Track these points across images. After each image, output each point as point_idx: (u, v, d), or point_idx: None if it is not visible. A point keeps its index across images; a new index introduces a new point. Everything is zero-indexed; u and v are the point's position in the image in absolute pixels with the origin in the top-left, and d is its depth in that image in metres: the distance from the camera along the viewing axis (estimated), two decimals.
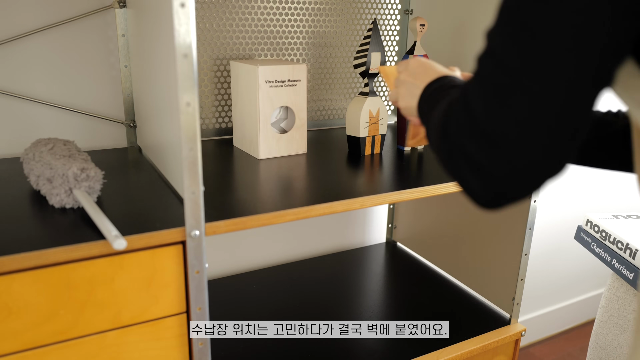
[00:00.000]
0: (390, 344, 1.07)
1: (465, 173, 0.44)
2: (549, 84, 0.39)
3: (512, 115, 0.40)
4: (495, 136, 0.41)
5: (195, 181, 0.69)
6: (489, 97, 0.42)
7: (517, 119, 0.40)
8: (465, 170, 0.44)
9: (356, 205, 0.83)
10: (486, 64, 0.43)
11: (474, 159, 0.43)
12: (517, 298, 1.15)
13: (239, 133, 1.09)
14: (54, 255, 0.62)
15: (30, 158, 0.79)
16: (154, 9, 0.76)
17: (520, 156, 0.41)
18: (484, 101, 0.42)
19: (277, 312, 1.17)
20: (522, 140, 0.40)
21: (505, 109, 0.41)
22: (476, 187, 0.44)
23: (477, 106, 0.43)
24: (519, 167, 0.41)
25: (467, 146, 0.43)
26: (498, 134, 0.41)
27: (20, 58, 0.99)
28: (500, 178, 0.42)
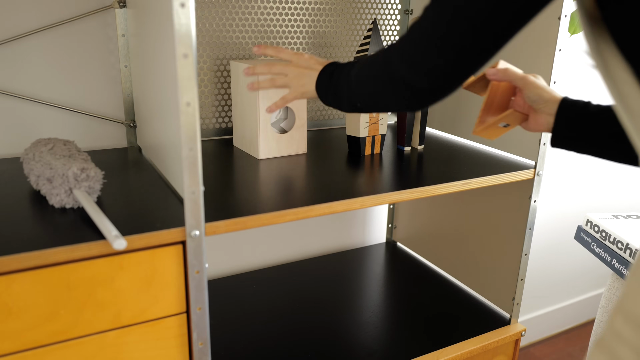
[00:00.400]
0: (390, 344, 1.07)
1: (403, 88, 0.64)
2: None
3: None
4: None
5: (195, 181, 0.69)
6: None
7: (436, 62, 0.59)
8: (402, 85, 0.64)
9: (356, 205, 0.83)
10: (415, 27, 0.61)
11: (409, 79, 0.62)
12: (517, 298, 1.15)
13: (239, 133, 1.09)
14: (54, 255, 0.62)
15: (30, 158, 0.79)
16: (154, 9, 0.76)
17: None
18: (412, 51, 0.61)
19: (277, 312, 1.17)
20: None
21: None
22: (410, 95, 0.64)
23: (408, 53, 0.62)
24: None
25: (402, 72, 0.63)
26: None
27: (20, 58, 0.99)
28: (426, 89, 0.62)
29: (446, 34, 0.56)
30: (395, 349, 1.06)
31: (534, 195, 1.08)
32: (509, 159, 1.08)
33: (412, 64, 0.60)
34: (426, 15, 0.59)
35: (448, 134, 1.29)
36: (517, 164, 1.05)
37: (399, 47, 0.63)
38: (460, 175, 0.96)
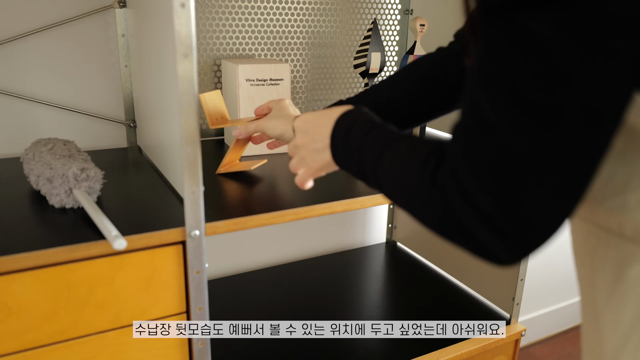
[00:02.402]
0: (390, 344, 1.07)
1: (481, 237, 0.39)
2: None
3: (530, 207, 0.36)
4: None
5: (195, 181, 0.69)
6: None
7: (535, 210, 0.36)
8: (480, 235, 0.39)
9: (356, 205, 0.83)
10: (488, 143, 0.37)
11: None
12: (517, 298, 1.15)
13: (229, 132, 1.10)
14: (54, 255, 0.62)
15: (30, 158, 0.79)
16: (154, 9, 0.76)
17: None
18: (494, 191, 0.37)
19: (277, 312, 1.17)
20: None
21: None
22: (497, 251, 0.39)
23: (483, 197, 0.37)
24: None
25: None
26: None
27: (20, 58, 0.99)
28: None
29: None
30: (395, 349, 1.06)
31: None
32: None
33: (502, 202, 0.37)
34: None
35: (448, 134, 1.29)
36: None
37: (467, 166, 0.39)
38: None
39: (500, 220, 0.37)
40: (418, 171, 0.43)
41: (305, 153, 0.62)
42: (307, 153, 0.62)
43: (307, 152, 0.62)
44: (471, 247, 0.40)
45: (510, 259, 0.39)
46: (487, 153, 0.37)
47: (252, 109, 1.01)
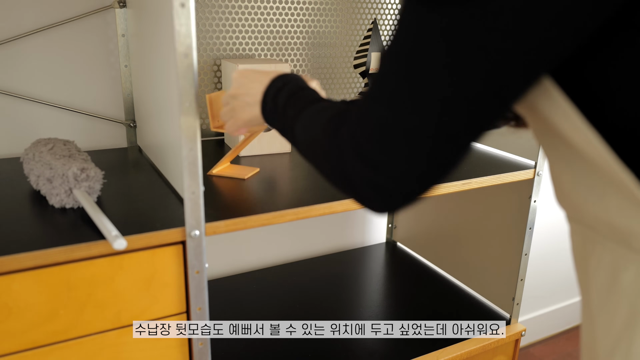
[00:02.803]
0: (391, 344, 1.07)
1: (361, 183, 0.44)
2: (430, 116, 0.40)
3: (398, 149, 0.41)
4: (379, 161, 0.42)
5: (195, 181, 0.68)
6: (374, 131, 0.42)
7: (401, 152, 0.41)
8: (360, 181, 0.44)
9: (356, 205, 0.83)
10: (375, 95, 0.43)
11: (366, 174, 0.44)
12: (517, 298, 1.15)
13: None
14: (54, 255, 0.62)
15: (30, 158, 0.79)
16: (154, 9, 0.76)
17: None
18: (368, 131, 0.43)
19: (277, 312, 1.17)
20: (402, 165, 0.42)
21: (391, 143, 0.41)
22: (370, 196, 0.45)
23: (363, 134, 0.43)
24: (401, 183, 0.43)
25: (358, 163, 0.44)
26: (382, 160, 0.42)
27: (20, 58, 0.99)
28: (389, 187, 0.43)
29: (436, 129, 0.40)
30: (395, 349, 1.06)
31: (534, 195, 1.08)
32: (509, 159, 1.08)
33: (374, 165, 0.43)
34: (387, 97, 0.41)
35: None
36: (517, 164, 1.05)
37: (351, 133, 0.44)
38: (460, 175, 0.95)
39: (381, 177, 0.42)
40: (324, 127, 0.49)
41: (237, 104, 0.67)
42: (238, 104, 0.67)
43: (239, 104, 0.67)
44: (354, 195, 0.46)
45: (383, 208, 0.45)
46: (377, 120, 0.42)
47: None
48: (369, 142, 0.42)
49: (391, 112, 0.41)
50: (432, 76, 0.39)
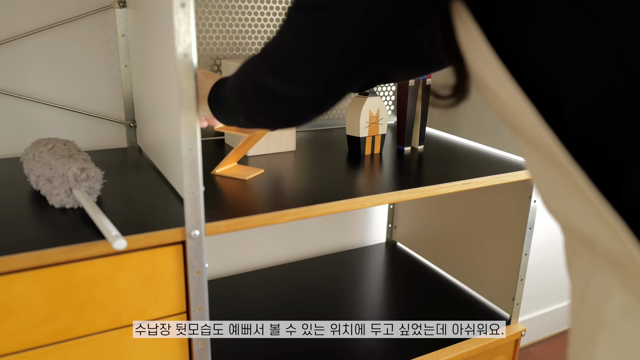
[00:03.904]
0: (391, 344, 1.07)
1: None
2: None
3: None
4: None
5: (195, 181, 0.69)
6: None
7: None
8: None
9: (356, 205, 0.83)
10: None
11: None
12: (517, 298, 1.15)
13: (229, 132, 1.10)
14: (54, 255, 0.62)
15: (30, 158, 0.79)
16: (154, 9, 0.76)
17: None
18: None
19: (277, 312, 1.17)
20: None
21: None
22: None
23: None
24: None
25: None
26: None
27: (20, 58, 0.99)
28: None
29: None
30: (395, 349, 1.06)
31: (534, 195, 1.08)
32: (509, 159, 1.08)
33: (284, 78, 0.53)
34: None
35: (448, 134, 1.29)
36: (517, 164, 1.05)
37: (266, 59, 0.55)
38: (460, 175, 0.95)
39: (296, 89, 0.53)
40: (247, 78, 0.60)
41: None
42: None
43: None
44: (279, 115, 0.58)
45: (300, 117, 0.58)
46: (287, 52, 0.53)
47: None
48: (282, 66, 0.53)
49: (300, 46, 0.51)
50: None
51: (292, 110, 0.56)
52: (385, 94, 1.42)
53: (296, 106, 0.55)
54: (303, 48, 0.50)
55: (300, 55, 0.50)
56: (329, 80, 0.51)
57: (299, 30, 0.50)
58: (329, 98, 0.54)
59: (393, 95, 1.43)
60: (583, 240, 0.40)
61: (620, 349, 0.38)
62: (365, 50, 0.48)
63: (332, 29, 0.47)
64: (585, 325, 0.41)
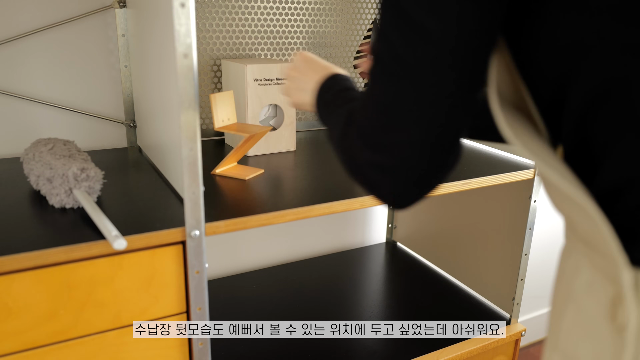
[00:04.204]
0: (391, 344, 1.07)
1: (372, 178, 0.46)
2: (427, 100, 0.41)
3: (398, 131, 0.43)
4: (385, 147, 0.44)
5: (195, 181, 0.69)
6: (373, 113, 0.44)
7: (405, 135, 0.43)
8: (371, 175, 0.46)
9: (356, 205, 0.83)
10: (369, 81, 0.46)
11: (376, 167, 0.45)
12: (517, 298, 1.15)
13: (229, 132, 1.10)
14: (54, 255, 0.62)
15: (30, 158, 0.79)
16: (154, 9, 0.76)
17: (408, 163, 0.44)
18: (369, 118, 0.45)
19: (277, 312, 1.17)
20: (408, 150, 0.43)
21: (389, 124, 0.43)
22: (385, 190, 0.46)
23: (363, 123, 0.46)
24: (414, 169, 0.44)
25: (366, 156, 0.46)
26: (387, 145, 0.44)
27: (20, 58, 0.99)
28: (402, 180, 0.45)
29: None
30: (395, 349, 1.06)
31: (534, 195, 1.08)
32: (509, 159, 1.08)
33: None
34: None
35: None
36: (517, 164, 1.05)
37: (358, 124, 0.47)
38: (460, 175, 0.95)
39: (388, 159, 0.44)
40: (343, 125, 0.52)
41: (293, 86, 0.73)
42: (294, 86, 0.73)
43: (295, 86, 0.73)
44: (370, 188, 0.47)
45: (396, 196, 0.46)
46: (369, 111, 0.45)
47: (259, 108, 1.02)
48: (373, 129, 0.44)
49: (388, 98, 0.43)
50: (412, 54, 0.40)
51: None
52: None
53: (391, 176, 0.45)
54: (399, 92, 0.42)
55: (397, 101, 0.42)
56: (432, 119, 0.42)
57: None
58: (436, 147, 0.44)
59: None
60: (567, 222, 0.44)
61: (582, 319, 0.41)
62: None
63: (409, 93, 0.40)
64: (558, 300, 0.45)
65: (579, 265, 0.42)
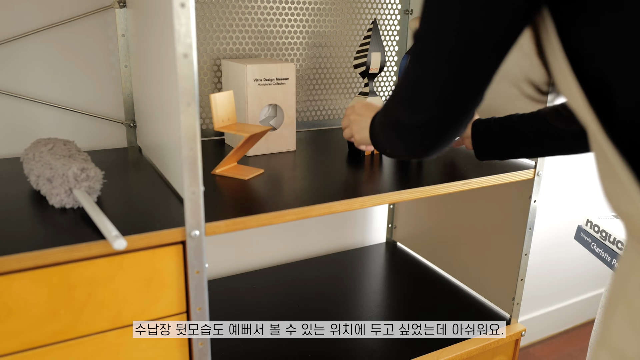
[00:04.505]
0: (391, 344, 1.07)
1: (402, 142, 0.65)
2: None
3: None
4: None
5: (195, 181, 0.69)
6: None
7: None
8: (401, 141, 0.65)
9: (356, 205, 0.83)
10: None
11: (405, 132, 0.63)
12: (517, 298, 1.15)
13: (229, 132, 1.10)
14: (54, 255, 0.62)
15: (30, 158, 0.79)
16: (154, 9, 0.76)
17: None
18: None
19: (277, 312, 1.17)
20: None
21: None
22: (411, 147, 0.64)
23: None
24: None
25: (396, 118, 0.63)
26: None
27: (20, 58, 0.99)
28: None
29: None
30: (395, 349, 1.06)
31: (534, 195, 1.08)
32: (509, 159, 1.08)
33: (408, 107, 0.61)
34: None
35: None
36: (517, 164, 1.05)
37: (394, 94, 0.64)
38: (460, 175, 0.95)
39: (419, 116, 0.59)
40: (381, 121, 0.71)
41: (356, 127, 0.90)
42: (357, 127, 0.90)
43: (358, 127, 0.90)
44: (404, 144, 0.65)
45: (425, 148, 0.63)
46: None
47: (259, 108, 1.02)
48: (406, 96, 0.60)
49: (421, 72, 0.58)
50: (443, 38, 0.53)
51: (413, 139, 0.63)
52: (386, 94, 1.42)
53: (416, 134, 0.61)
54: (422, 74, 0.56)
55: (420, 81, 0.57)
56: (445, 100, 0.57)
57: (417, 61, 0.57)
58: (447, 120, 0.59)
59: None
60: (625, 222, 0.47)
61: (633, 316, 0.43)
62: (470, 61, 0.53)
63: (441, 57, 0.53)
64: (611, 297, 0.47)
65: (634, 264, 0.44)
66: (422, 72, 0.56)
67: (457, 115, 0.57)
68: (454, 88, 0.55)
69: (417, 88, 0.58)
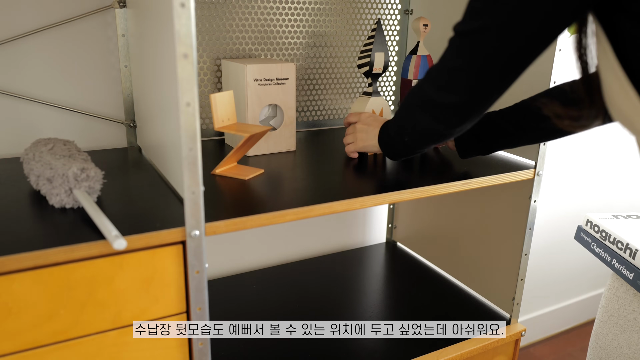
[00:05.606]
0: (391, 344, 1.07)
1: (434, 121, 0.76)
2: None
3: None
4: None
5: (195, 181, 0.69)
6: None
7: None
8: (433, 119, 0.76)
9: (356, 205, 0.83)
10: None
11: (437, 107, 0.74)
12: (517, 298, 1.15)
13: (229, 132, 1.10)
14: (54, 255, 0.62)
15: (30, 158, 0.79)
16: (154, 9, 0.76)
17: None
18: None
19: (277, 312, 1.17)
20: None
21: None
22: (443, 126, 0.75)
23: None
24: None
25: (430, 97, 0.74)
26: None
27: (20, 58, 0.99)
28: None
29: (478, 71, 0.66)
30: (395, 349, 1.06)
31: (534, 195, 1.08)
32: (509, 159, 1.08)
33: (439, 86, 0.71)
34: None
35: None
36: (517, 164, 1.05)
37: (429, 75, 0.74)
38: (460, 175, 0.96)
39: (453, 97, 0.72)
40: (413, 100, 0.81)
41: (362, 136, 0.98)
42: (363, 136, 0.97)
43: (363, 136, 0.97)
44: (434, 124, 0.76)
45: (454, 126, 0.75)
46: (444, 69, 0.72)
47: (259, 108, 1.02)
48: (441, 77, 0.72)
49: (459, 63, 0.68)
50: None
51: (440, 120, 0.74)
52: (388, 94, 1.42)
53: (445, 115, 0.72)
54: (462, 63, 0.66)
55: (460, 69, 0.67)
56: (478, 87, 0.67)
57: (458, 49, 0.67)
58: (474, 106, 0.70)
59: (394, 96, 1.43)
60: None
61: None
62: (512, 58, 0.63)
63: (489, 46, 0.62)
64: None
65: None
66: (464, 62, 0.66)
67: (485, 102, 0.69)
68: (490, 80, 0.65)
69: (456, 75, 0.67)
